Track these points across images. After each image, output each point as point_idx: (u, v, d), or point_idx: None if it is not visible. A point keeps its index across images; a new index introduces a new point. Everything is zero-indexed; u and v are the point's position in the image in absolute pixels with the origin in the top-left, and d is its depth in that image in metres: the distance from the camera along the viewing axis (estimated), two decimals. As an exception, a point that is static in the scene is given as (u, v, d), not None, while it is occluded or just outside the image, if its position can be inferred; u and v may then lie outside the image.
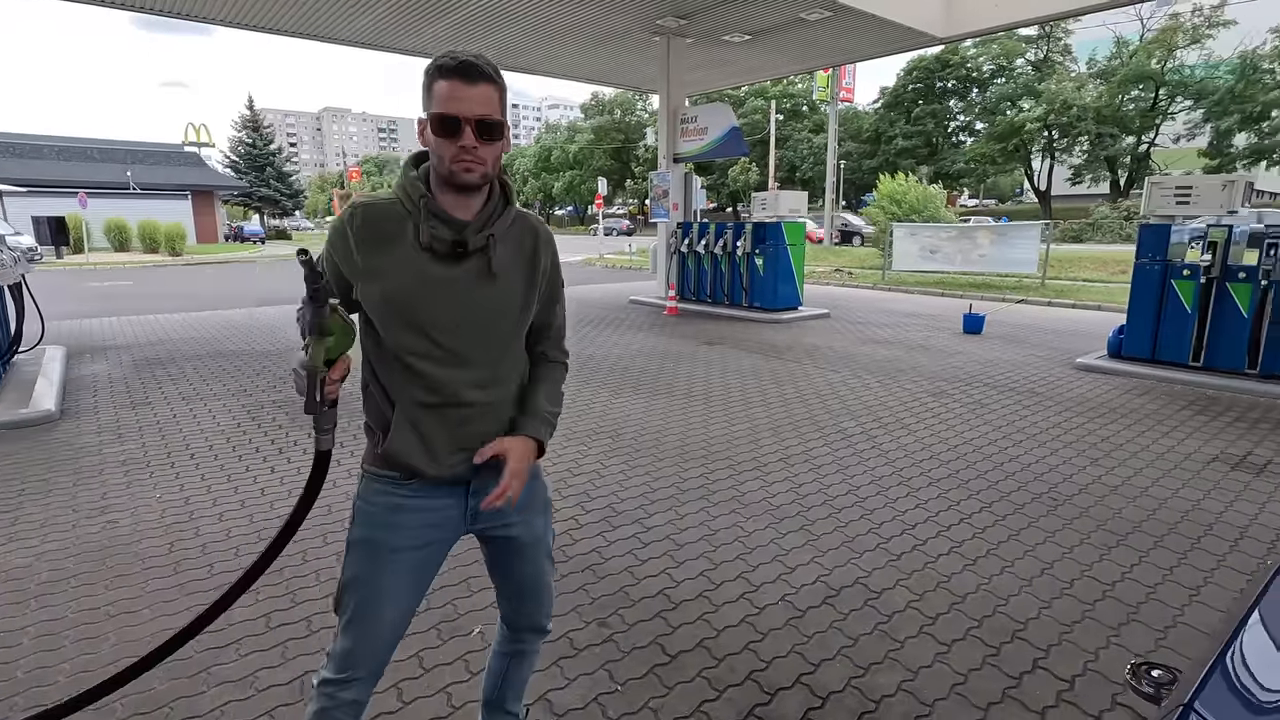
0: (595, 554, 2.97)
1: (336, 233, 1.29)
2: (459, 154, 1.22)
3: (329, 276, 1.31)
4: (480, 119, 1.22)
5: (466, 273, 1.29)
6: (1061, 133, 37.34)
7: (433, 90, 1.22)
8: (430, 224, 1.26)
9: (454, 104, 1.20)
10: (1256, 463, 4.11)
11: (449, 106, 1.20)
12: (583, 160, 56.38)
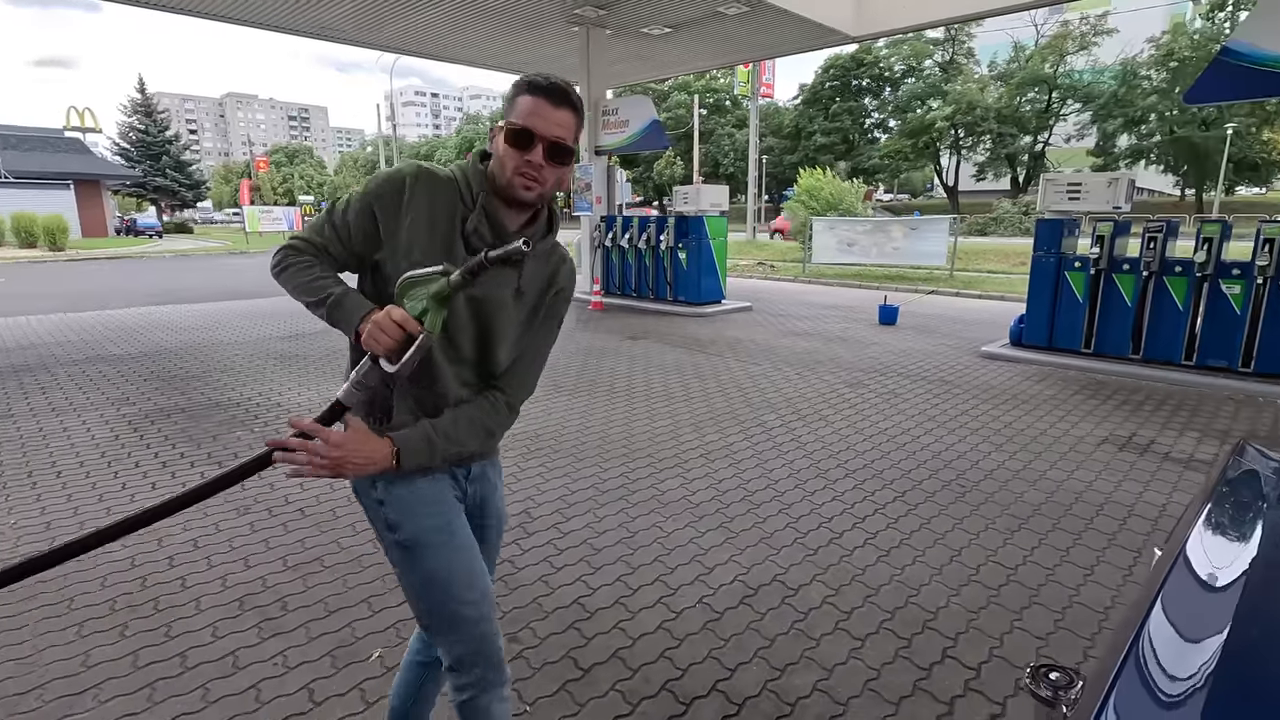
0: (508, 564, 2.84)
1: (390, 186, 1.26)
2: (524, 167, 1.23)
3: (349, 216, 1.28)
4: (554, 141, 1.23)
5: (493, 277, 1.26)
6: (967, 131, 39.38)
7: (516, 103, 1.25)
8: (479, 219, 1.28)
9: (534, 119, 1.22)
10: (1140, 443, 4.38)
11: (529, 121, 1.22)
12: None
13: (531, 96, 1.22)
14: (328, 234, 1.29)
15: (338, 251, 1.30)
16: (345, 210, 1.28)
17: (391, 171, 1.28)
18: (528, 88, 1.23)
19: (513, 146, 1.23)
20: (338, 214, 1.29)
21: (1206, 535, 1.03)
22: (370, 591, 2.61)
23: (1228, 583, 0.90)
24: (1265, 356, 5.74)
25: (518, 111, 1.23)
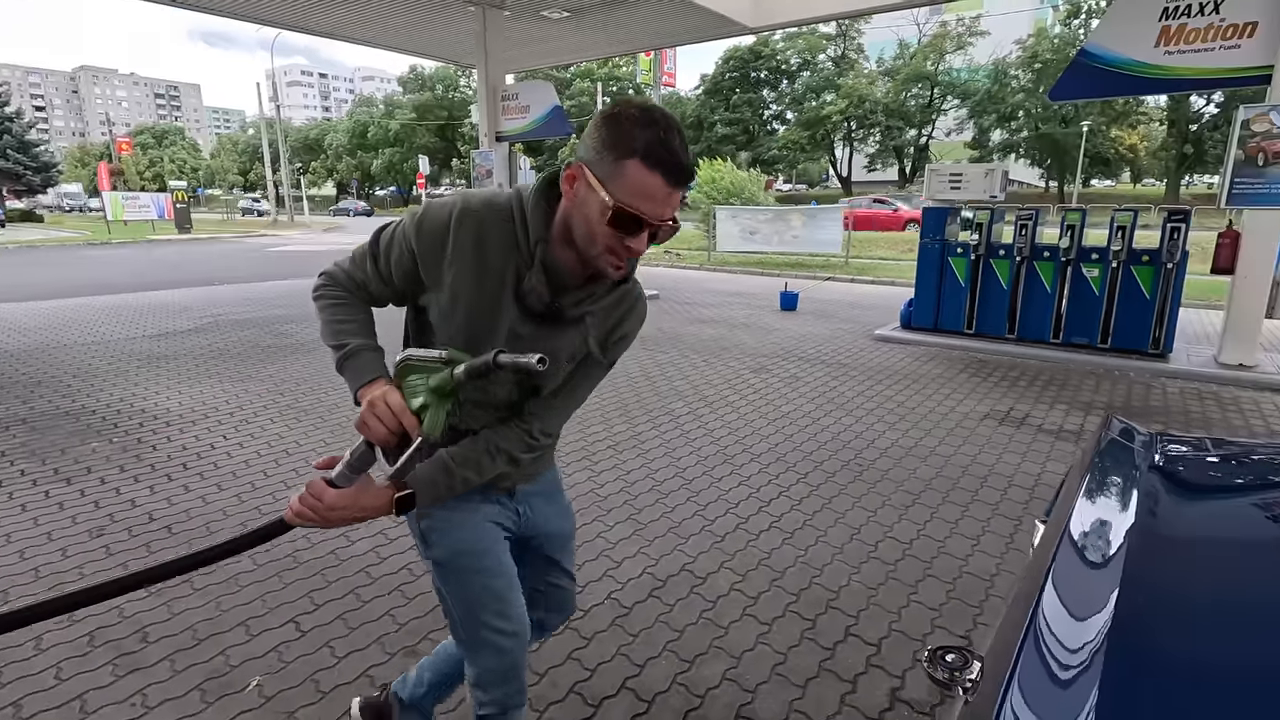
0: (405, 572, 2.68)
1: (433, 227, 1.11)
2: (620, 250, 1.05)
3: (392, 252, 1.16)
4: (664, 224, 1.04)
5: (546, 329, 1.15)
6: (858, 124, 41.31)
7: (626, 171, 0.99)
8: (538, 277, 1.10)
9: (650, 205, 1.00)
10: (1017, 417, 4.71)
11: (644, 206, 1.00)
12: (404, 138, 53.06)
13: (649, 171, 0.98)
14: (369, 270, 1.19)
15: (378, 290, 1.21)
16: (389, 246, 1.16)
17: (437, 208, 1.13)
18: (645, 156, 0.97)
19: (612, 226, 1.01)
20: (381, 249, 1.17)
21: (1087, 509, 1.07)
22: (248, 613, 2.39)
23: (1111, 554, 0.91)
24: (1120, 333, 6.32)
25: (628, 186, 0.99)
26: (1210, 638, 0.76)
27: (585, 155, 1.03)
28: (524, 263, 1.11)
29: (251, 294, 10.52)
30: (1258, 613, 0.80)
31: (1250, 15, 5.51)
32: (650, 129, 0.97)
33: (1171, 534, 0.99)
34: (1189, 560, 0.94)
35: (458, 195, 1.14)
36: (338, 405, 4.83)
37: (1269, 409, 5.01)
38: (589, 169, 1.02)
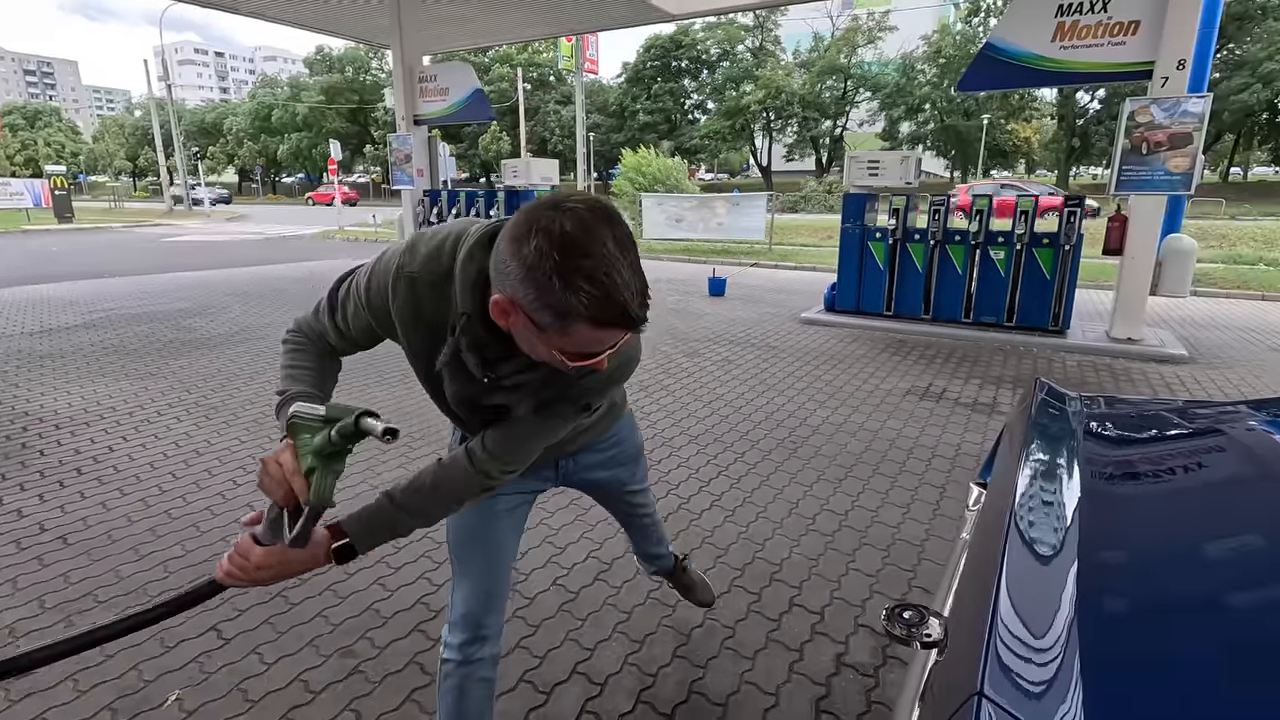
0: (337, 570, 2.54)
1: (379, 292, 1.07)
2: (567, 366, 0.95)
3: (348, 308, 1.14)
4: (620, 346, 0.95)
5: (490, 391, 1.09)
6: (777, 114, 42.25)
7: (573, 330, 0.87)
8: (465, 354, 1.04)
9: (604, 345, 0.91)
10: (936, 392, 4.94)
11: (597, 349, 0.92)
12: (313, 122, 50.38)
13: (601, 329, 0.86)
14: (326, 322, 1.18)
15: (336, 341, 1.19)
16: (345, 300, 1.14)
17: (384, 266, 1.07)
18: (594, 319, 0.84)
19: (563, 360, 0.93)
20: (338, 302, 1.15)
21: (1033, 468, 1.11)
22: (163, 625, 2.20)
23: (1065, 509, 0.95)
24: (1025, 312, 6.73)
25: (579, 342, 0.89)
26: (1168, 575, 0.80)
27: (513, 294, 0.87)
28: (456, 328, 1.01)
29: (148, 287, 9.76)
30: (1201, 546, 0.86)
31: (1134, 14, 5.94)
32: (591, 285, 0.81)
33: (1113, 481, 1.05)
34: (1135, 505, 0.99)
35: (406, 246, 1.06)
36: (251, 401, 4.54)
37: (1155, 378, 5.46)
38: (524, 311, 0.87)
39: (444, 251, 1.03)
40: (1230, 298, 9.64)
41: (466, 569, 1.38)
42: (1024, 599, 0.76)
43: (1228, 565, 0.86)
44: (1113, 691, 0.58)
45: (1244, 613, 0.76)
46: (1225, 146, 36.37)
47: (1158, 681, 0.62)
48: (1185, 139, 5.80)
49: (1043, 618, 0.71)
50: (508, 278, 0.87)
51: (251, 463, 3.53)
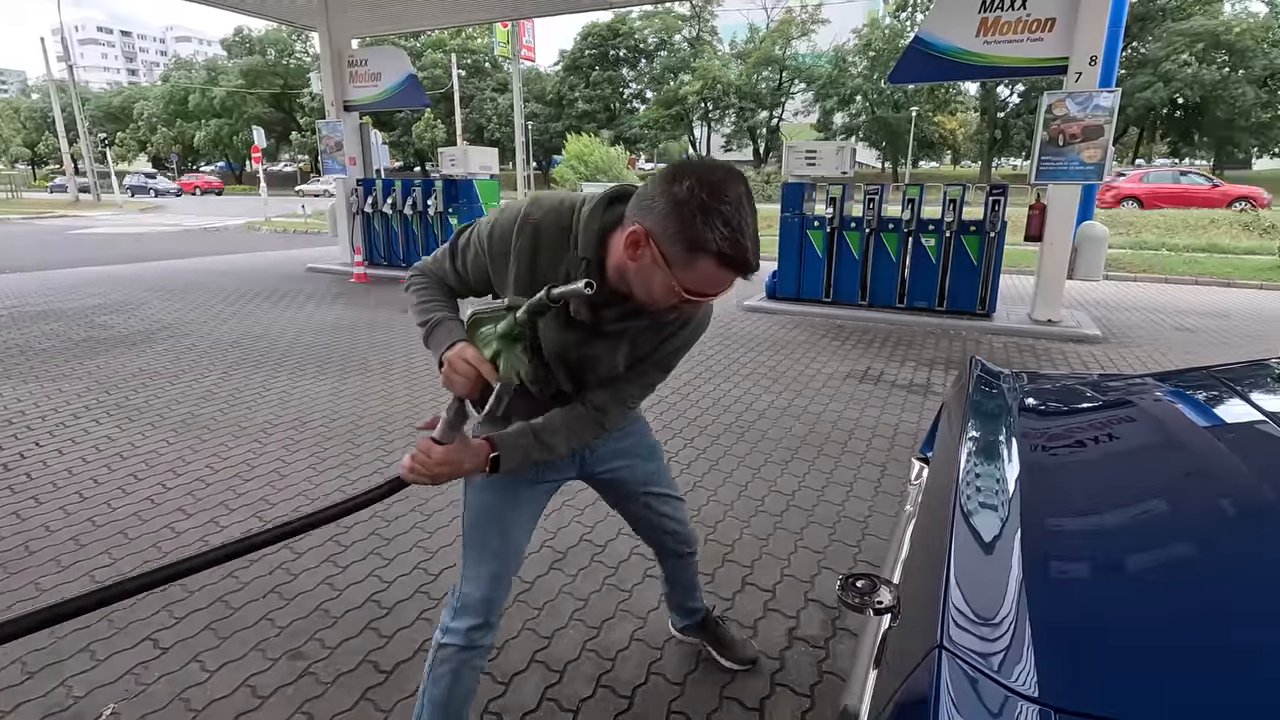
0: (281, 571, 2.46)
1: (502, 236, 1.19)
2: (677, 310, 1.11)
3: (468, 253, 1.26)
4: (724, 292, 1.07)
5: (587, 336, 1.21)
6: (714, 104, 42.62)
7: (698, 264, 0.99)
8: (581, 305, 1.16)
9: (717, 289, 1.04)
10: (874, 375, 5.12)
11: (711, 291, 1.04)
12: (233, 108, 47.85)
13: (722, 268, 0.99)
14: (447, 267, 1.30)
15: (455, 284, 1.31)
16: (466, 248, 1.26)
17: (509, 214, 1.20)
18: (720, 256, 0.97)
19: (678, 299, 1.04)
20: (459, 249, 1.28)
21: (975, 441, 1.17)
22: (92, 636, 2.09)
23: (1008, 477, 1.01)
24: (954, 297, 7.03)
25: (698, 278, 1.01)
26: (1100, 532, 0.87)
27: (653, 228, 1.00)
28: (569, 273, 1.14)
29: (54, 282, 9.11)
30: (1126, 505, 0.93)
31: (1050, 12, 6.25)
32: (725, 226, 0.96)
33: (1046, 451, 1.12)
34: (1066, 471, 1.06)
35: (529, 200, 1.20)
36: (178, 401, 4.32)
37: (1072, 356, 5.80)
38: (657, 245, 1.00)
39: (565, 208, 1.17)
40: (1138, 281, 10.31)
41: (482, 554, 1.40)
42: (974, 561, 0.80)
43: (1147, 520, 0.94)
44: (1060, 640, 0.63)
45: (1161, 559, 0.83)
46: (1131, 139, 38.76)
47: (1100, 627, 0.67)
48: (1097, 131, 6.16)
49: (994, 577, 0.76)
50: (651, 211, 1.00)
51: (181, 464, 3.36)
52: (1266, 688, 0.54)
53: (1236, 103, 31.66)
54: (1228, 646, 0.61)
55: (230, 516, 2.85)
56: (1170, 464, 1.10)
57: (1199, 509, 0.93)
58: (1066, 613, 0.70)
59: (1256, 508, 0.88)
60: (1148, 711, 0.53)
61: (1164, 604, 0.71)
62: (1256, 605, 0.68)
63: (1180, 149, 39.43)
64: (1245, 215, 15.51)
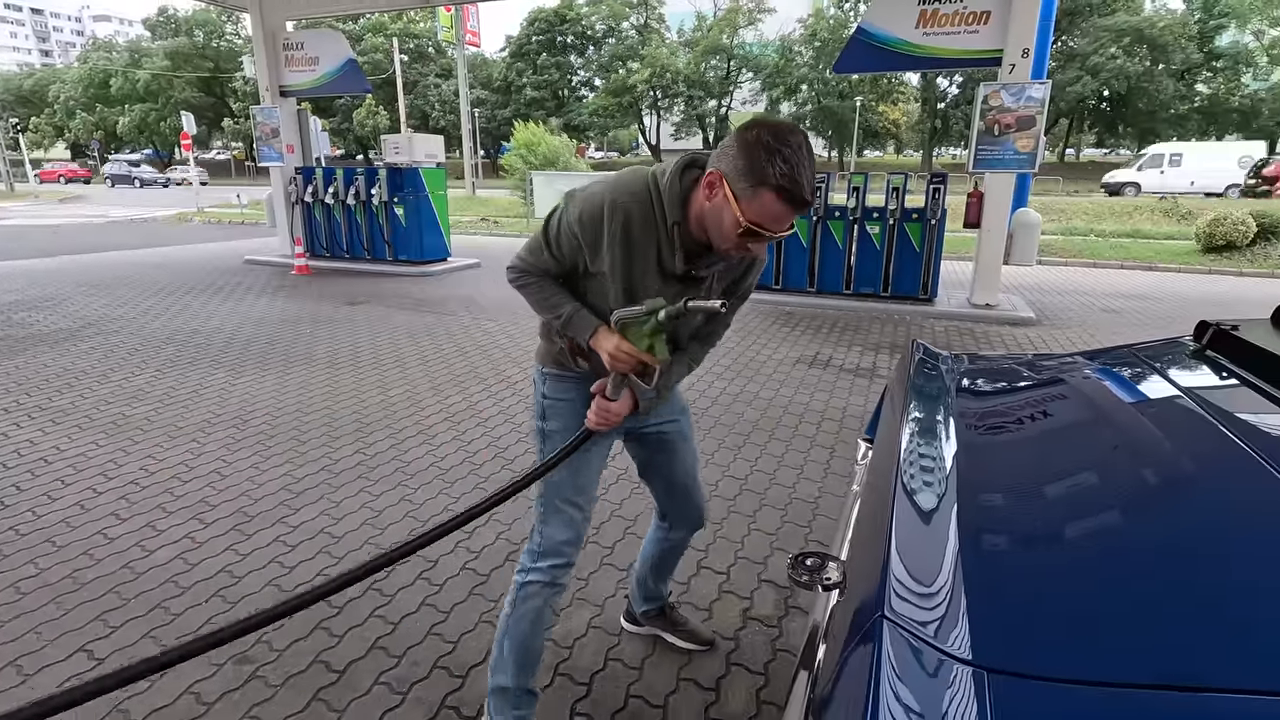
0: (225, 574, 2.38)
1: (593, 222, 1.34)
2: (743, 248, 1.28)
3: (562, 242, 1.39)
4: (784, 234, 1.25)
5: (681, 286, 1.41)
6: (663, 93, 42.56)
7: (760, 196, 1.17)
8: (676, 254, 1.35)
9: (776, 225, 1.21)
10: (823, 360, 5.24)
11: (770, 226, 1.20)
12: (159, 92, 45.41)
13: (779, 201, 1.16)
14: (546, 258, 1.43)
15: (558, 270, 1.45)
16: (558, 236, 1.39)
17: (593, 204, 1.34)
18: (778, 189, 1.15)
19: (742, 236, 1.22)
20: (551, 239, 1.40)
21: (916, 421, 1.21)
22: (21, 649, 1.98)
23: (946, 455, 1.05)
24: (898, 282, 7.24)
25: (759, 210, 1.18)
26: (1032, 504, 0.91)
27: (725, 169, 1.20)
28: (663, 239, 1.34)
29: (-35, 278, 8.53)
30: (1057, 478, 0.98)
31: (986, 4, 6.45)
32: (785, 164, 1.13)
33: (982, 429, 1.17)
34: (1001, 448, 1.11)
35: (604, 188, 1.34)
36: (106, 401, 4.11)
37: (1009, 339, 6.05)
38: (728, 184, 1.19)
39: (637, 185, 1.33)
40: (1068, 265, 10.80)
41: (561, 502, 1.56)
42: (914, 535, 0.84)
43: (1075, 492, 0.99)
44: (993, 606, 0.66)
45: (1087, 528, 0.88)
46: (1061, 130, 40.40)
47: (1030, 593, 0.71)
48: (1029, 122, 6.40)
49: (932, 551, 0.79)
50: (725, 155, 1.19)
51: (113, 467, 3.21)
52: (1184, 642, 0.58)
53: (1158, 95, 33.34)
54: (1149, 606, 0.65)
55: (168, 520, 2.74)
56: (1097, 439, 1.16)
57: (1123, 481, 0.99)
58: (1000, 581, 0.74)
59: (1176, 478, 0.94)
60: (1073, 668, 0.57)
61: (1090, 570, 0.75)
62: (1175, 568, 0.73)
63: (1106, 140, 41.34)
64: (1165, 203, 16.38)
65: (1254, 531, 0.75)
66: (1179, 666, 0.55)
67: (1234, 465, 0.86)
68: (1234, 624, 0.59)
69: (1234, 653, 0.56)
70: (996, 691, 0.52)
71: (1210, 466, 0.91)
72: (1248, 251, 10.49)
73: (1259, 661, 0.54)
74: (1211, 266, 10.20)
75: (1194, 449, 0.98)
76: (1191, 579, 0.70)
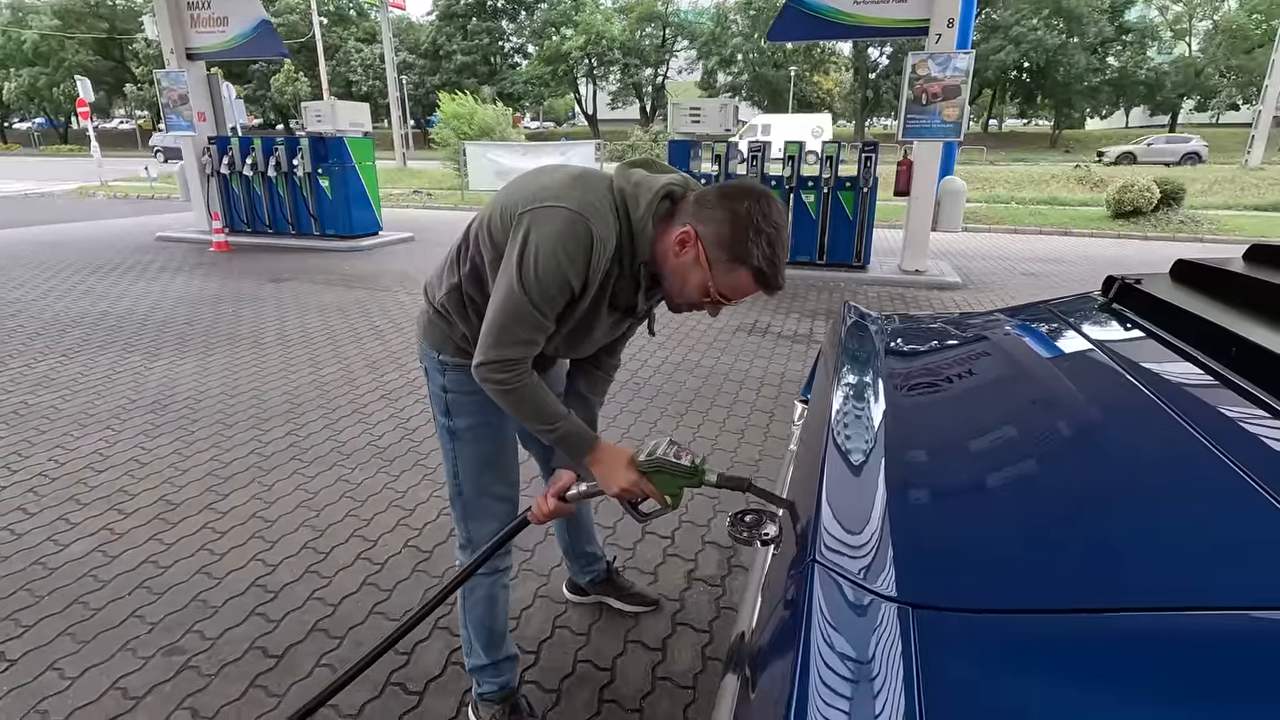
0: (149, 564, 2.27)
1: (578, 258, 1.13)
2: (698, 306, 1.22)
3: (555, 296, 1.16)
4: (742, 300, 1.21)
5: (624, 316, 1.32)
6: (599, 60, 41.80)
7: (736, 273, 1.13)
8: (641, 296, 1.26)
9: (741, 296, 1.18)
10: (761, 327, 5.33)
11: (736, 298, 1.18)
12: (49, 54, 41.72)
13: (754, 281, 1.14)
14: (538, 336, 1.21)
15: (544, 343, 1.24)
16: (548, 291, 1.14)
17: (574, 236, 1.11)
18: (757, 272, 1.12)
19: (703, 298, 1.18)
20: (542, 300, 1.15)
21: (844, 383, 1.25)
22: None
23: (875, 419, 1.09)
24: (832, 250, 7.40)
25: (731, 284, 1.15)
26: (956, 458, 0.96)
27: (705, 234, 1.12)
28: (625, 275, 1.21)
29: None
30: (979, 434, 1.03)
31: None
32: (769, 248, 1.10)
33: (909, 389, 1.22)
34: (927, 406, 1.16)
35: (576, 216, 1.11)
36: (6, 389, 3.82)
37: (937, 303, 6.29)
38: (705, 249, 1.12)
39: (606, 208, 1.15)
40: (991, 231, 11.26)
41: (487, 499, 1.49)
42: (844, 489, 0.86)
43: (997, 443, 1.04)
44: (917, 549, 0.69)
45: (1005, 477, 0.92)
46: (985, 101, 41.80)
47: (951, 537, 0.74)
48: (955, 91, 6.59)
49: (861, 502, 0.82)
50: (708, 218, 1.12)
51: (17, 460, 2.99)
52: (1086, 572, 0.62)
53: (1073, 68, 34.83)
54: (1057, 544, 0.70)
55: (83, 512, 2.58)
56: (1016, 394, 1.22)
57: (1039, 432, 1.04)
58: (923, 527, 0.77)
59: (1086, 427, 1.00)
60: (988, 599, 0.60)
61: (1005, 514, 0.79)
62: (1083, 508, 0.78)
63: (1026, 110, 43.00)
64: (1079, 171, 17.24)
65: (1154, 472, 0.81)
66: (1082, 594, 0.59)
67: (1137, 412, 0.92)
68: (1131, 554, 0.64)
69: (1131, 578, 0.60)
70: (920, 624, 0.55)
71: (1116, 413, 0.97)
72: (1151, 217, 11.17)
73: (1153, 584, 0.58)
74: (1120, 231, 10.83)
75: (1102, 398, 1.04)
76: (1096, 518, 0.74)
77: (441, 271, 1.40)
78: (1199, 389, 0.96)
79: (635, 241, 1.17)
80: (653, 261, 1.19)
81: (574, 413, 1.31)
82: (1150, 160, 24.85)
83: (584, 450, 1.27)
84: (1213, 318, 1.03)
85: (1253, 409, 0.82)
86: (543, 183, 1.17)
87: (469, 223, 1.33)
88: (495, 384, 1.21)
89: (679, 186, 1.20)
